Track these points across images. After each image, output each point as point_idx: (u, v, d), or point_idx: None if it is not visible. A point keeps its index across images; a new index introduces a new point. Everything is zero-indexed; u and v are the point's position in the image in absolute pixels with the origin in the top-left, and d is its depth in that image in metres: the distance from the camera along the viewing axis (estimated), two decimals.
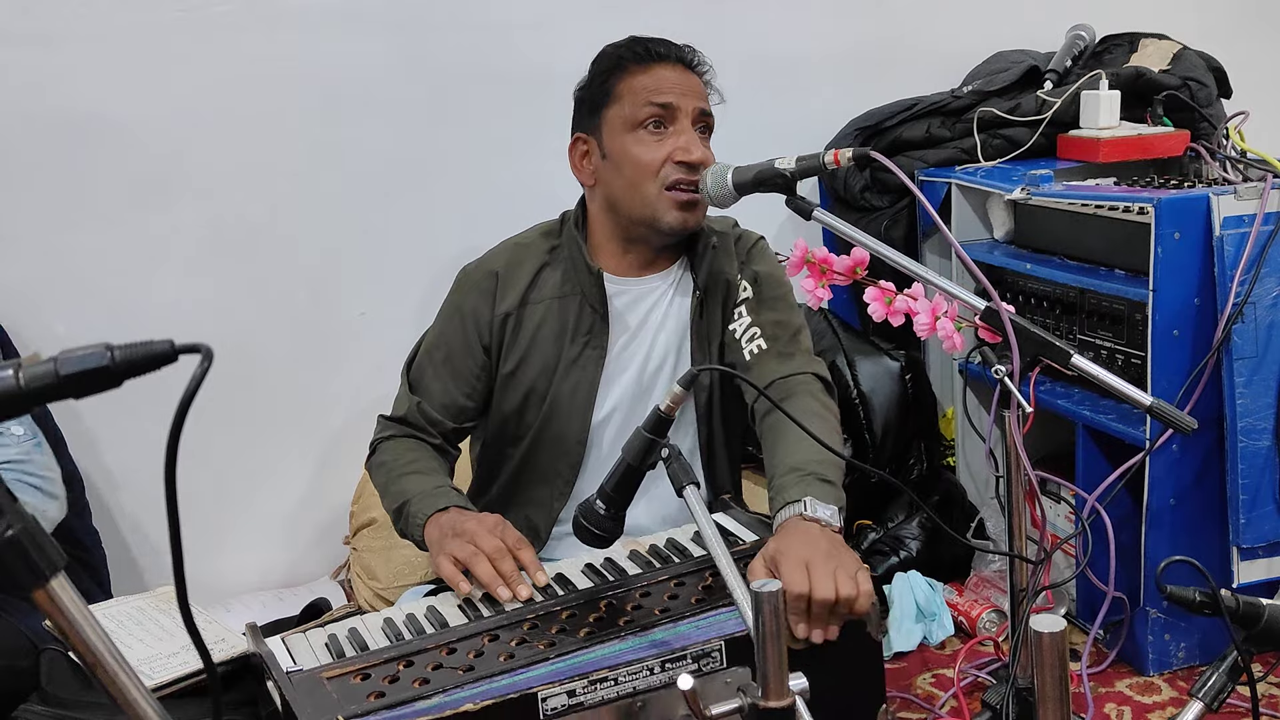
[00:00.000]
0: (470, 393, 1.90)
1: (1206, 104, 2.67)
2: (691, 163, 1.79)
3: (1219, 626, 1.24)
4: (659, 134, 1.81)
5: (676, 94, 1.81)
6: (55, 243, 2.47)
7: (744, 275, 1.91)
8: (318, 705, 1.34)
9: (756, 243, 1.98)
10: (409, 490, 1.79)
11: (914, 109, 2.80)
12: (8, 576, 0.82)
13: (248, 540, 2.73)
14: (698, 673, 1.41)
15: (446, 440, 1.92)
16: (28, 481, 2.07)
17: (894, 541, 2.60)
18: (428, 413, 1.89)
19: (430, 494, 1.77)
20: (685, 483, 1.42)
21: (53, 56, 2.42)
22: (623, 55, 1.85)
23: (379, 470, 1.89)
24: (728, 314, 1.90)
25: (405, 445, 1.89)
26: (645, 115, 1.81)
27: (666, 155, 1.80)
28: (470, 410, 1.92)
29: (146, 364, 0.82)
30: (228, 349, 2.47)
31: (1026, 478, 1.71)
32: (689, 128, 1.82)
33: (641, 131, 1.81)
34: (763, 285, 1.90)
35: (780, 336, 1.86)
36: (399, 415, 1.92)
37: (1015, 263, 2.51)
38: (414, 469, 1.84)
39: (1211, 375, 2.14)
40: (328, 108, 2.62)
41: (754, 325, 1.87)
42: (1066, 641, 1.01)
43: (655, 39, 1.87)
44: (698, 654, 1.41)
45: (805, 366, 1.83)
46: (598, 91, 1.86)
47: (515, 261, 1.91)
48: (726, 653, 1.43)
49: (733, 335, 1.88)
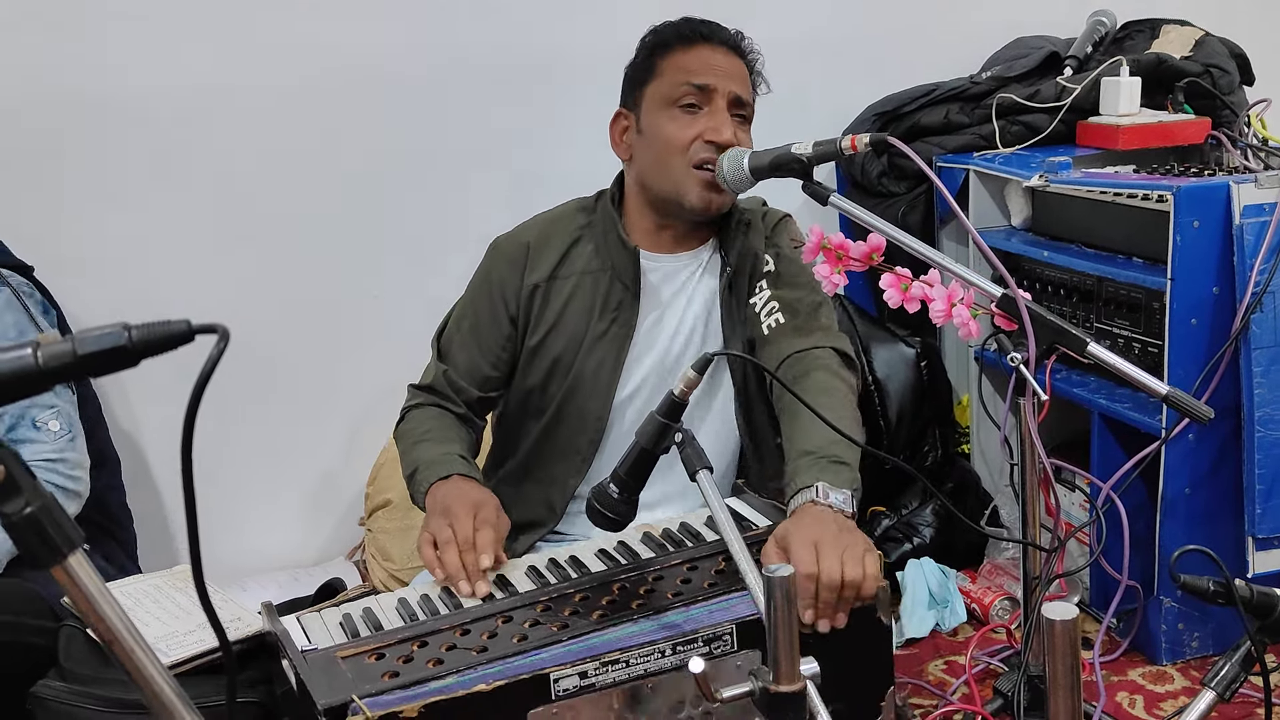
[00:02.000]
0: (495, 362, 1.92)
1: (1228, 91, 2.64)
2: (721, 143, 1.79)
3: (1233, 616, 1.24)
4: (692, 113, 1.81)
5: (714, 76, 1.82)
6: (73, 222, 2.49)
7: (768, 250, 1.91)
8: (332, 684, 1.35)
9: (782, 219, 1.98)
10: (419, 458, 1.81)
11: (933, 94, 2.79)
12: (27, 553, 0.83)
13: (264, 520, 2.74)
14: (709, 655, 1.41)
15: (471, 409, 1.93)
16: (55, 483, 2.10)
17: (907, 528, 2.60)
18: (454, 380, 1.91)
19: (436, 461, 1.78)
20: (699, 467, 1.42)
21: (71, 38, 2.43)
22: (668, 34, 1.86)
23: (401, 438, 1.91)
24: (752, 289, 1.90)
25: (428, 414, 1.90)
26: (681, 94, 1.81)
27: (697, 134, 1.80)
28: (495, 380, 1.93)
29: (163, 344, 0.83)
30: (246, 330, 2.48)
31: (1041, 465, 1.70)
32: (723, 109, 1.82)
33: (675, 109, 1.82)
34: (785, 261, 1.90)
35: (799, 311, 1.85)
36: (426, 383, 1.94)
37: (1033, 250, 2.50)
38: (428, 437, 1.85)
39: (1229, 364, 2.12)
40: (348, 90, 2.62)
41: (773, 299, 1.86)
42: (1079, 629, 1.01)
43: (705, 20, 1.88)
44: (709, 637, 1.42)
45: (823, 341, 1.82)
46: (641, 67, 1.88)
47: (547, 234, 1.93)
48: (738, 636, 1.43)
49: (753, 309, 1.88)
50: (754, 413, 1.91)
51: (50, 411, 2.11)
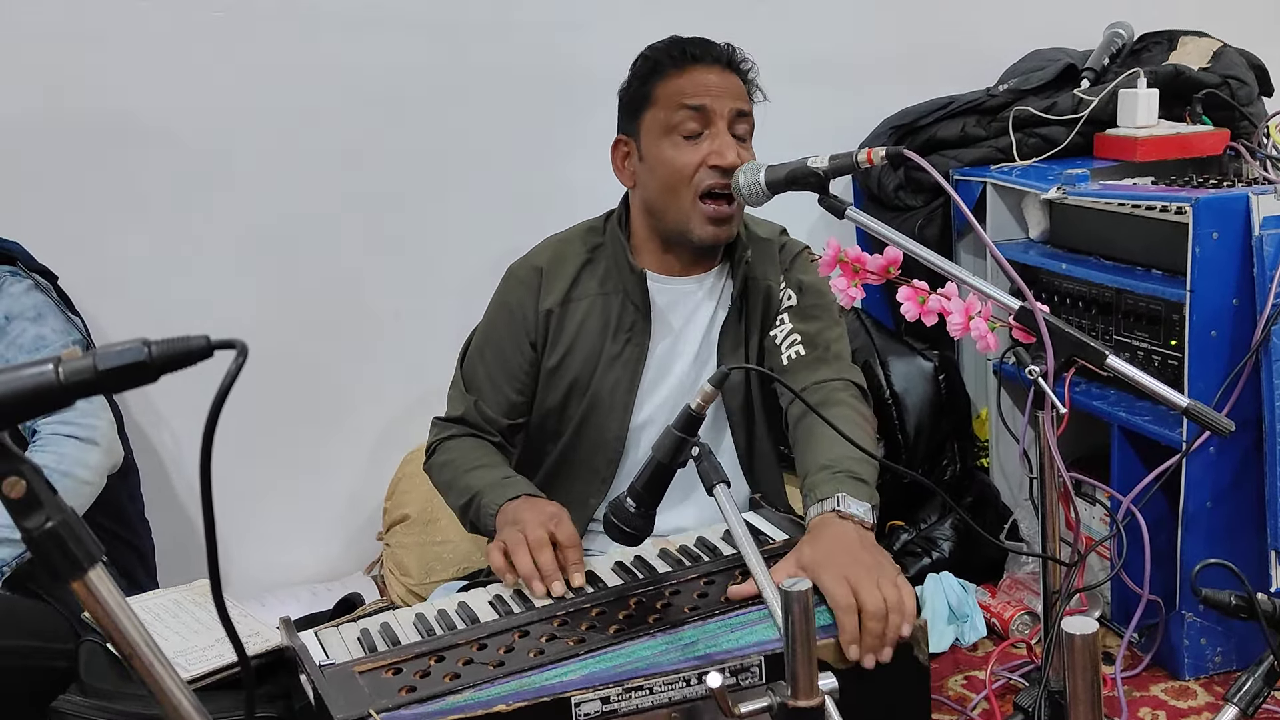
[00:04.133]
0: (521, 388, 1.92)
1: (1247, 102, 2.64)
2: (725, 167, 1.78)
3: (1256, 631, 1.23)
4: (694, 138, 1.81)
5: (711, 96, 1.80)
6: (97, 239, 2.50)
7: (788, 283, 1.92)
8: (350, 699, 1.35)
9: (801, 252, 1.98)
10: (476, 484, 1.81)
11: (949, 108, 2.78)
12: (47, 567, 0.84)
13: (283, 536, 2.75)
14: (735, 688, 1.39)
15: (504, 437, 1.94)
16: (64, 433, 2.06)
17: (926, 543, 2.59)
18: (484, 411, 1.92)
19: (500, 484, 1.79)
20: (715, 481, 1.42)
21: (95, 55, 2.45)
22: (659, 58, 1.85)
23: (443, 469, 1.90)
24: (769, 320, 1.90)
25: (469, 443, 1.91)
26: (679, 120, 1.80)
27: (701, 160, 1.80)
28: (521, 405, 1.93)
29: (183, 359, 0.83)
30: (266, 346, 2.49)
31: (1061, 479, 1.69)
32: (724, 131, 1.81)
33: (676, 136, 1.81)
34: (806, 294, 1.91)
35: (819, 344, 1.86)
36: (456, 415, 1.94)
37: (1050, 262, 2.49)
38: (481, 463, 1.85)
39: (1250, 376, 2.11)
40: (367, 107, 2.64)
41: (794, 332, 1.87)
42: (1099, 644, 1.01)
43: (694, 39, 1.87)
44: (736, 668, 1.40)
45: (841, 374, 1.83)
46: (637, 94, 1.87)
47: (559, 257, 1.93)
48: (766, 668, 1.41)
49: (773, 340, 1.89)
50: (754, 437, 1.92)
51: None
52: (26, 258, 2.27)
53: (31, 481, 0.82)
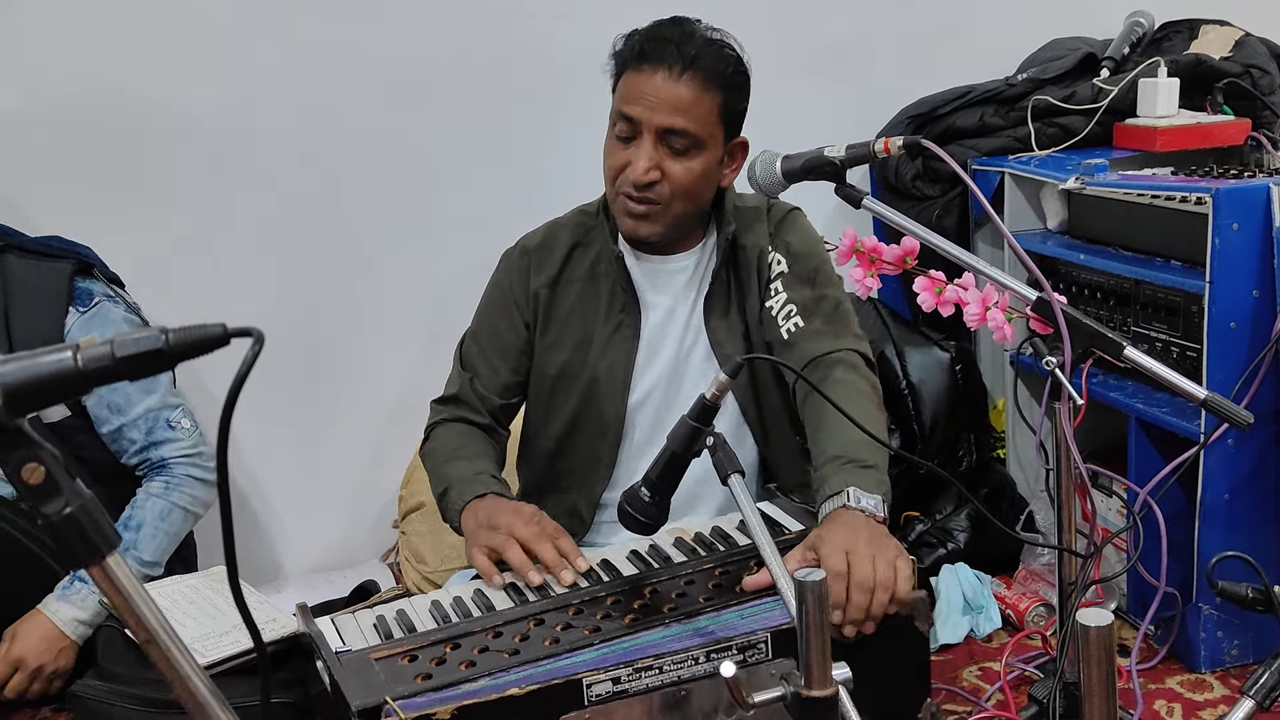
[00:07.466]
0: (515, 368, 1.93)
1: (1268, 92, 2.61)
2: (634, 181, 1.75)
3: (1273, 624, 1.23)
4: (624, 143, 1.78)
5: (643, 107, 1.74)
6: (119, 226, 2.51)
7: (776, 248, 1.88)
8: (366, 685, 1.36)
9: (789, 214, 1.93)
10: (450, 476, 1.82)
11: (967, 97, 2.77)
12: (66, 552, 0.84)
13: (299, 523, 2.76)
14: (743, 664, 1.41)
15: (495, 419, 1.94)
16: (199, 477, 2.18)
17: (942, 533, 2.58)
18: (478, 389, 1.92)
19: (470, 480, 1.79)
20: (730, 471, 1.42)
21: (116, 43, 2.46)
22: (627, 50, 1.80)
23: (428, 457, 1.92)
24: (764, 289, 1.87)
25: (454, 430, 1.91)
26: (615, 119, 1.79)
27: (623, 165, 1.77)
28: (516, 385, 1.94)
29: (199, 347, 0.84)
30: (284, 333, 2.52)
31: (1077, 470, 1.69)
32: (648, 144, 1.74)
33: (613, 134, 1.80)
34: (797, 258, 1.87)
35: (818, 312, 1.82)
36: (451, 394, 1.95)
37: (1068, 253, 2.47)
38: (458, 455, 1.86)
39: (1270, 368, 2.09)
40: (387, 94, 2.64)
41: (790, 302, 1.83)
42: (1114, 636, 1.00)
43: (660, 35, 1.77)
44: (744, 645, 1.41)
45: (845, 343, 1.79)
46: (613, 80, 1.85)
47: (550, 239, 1.94)
48: (773, 644, 1.43)
49: (769, 313, 1.85)
50: (765, 415, 1.91)
51: (179, 411, 2.21)
52: (101, 265, 2.30)
53: (50, 467, 0.83)
